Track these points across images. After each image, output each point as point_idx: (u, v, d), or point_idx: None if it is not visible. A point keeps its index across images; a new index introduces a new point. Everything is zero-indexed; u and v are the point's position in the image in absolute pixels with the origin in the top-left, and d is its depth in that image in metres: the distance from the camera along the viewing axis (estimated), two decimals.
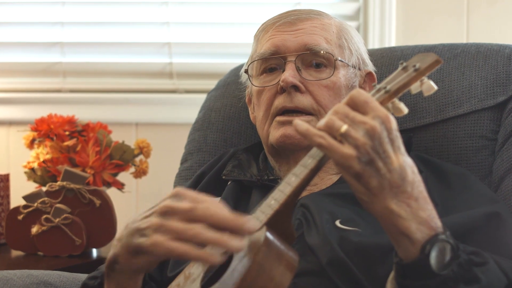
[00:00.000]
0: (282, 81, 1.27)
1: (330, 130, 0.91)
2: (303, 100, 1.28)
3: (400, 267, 0.96)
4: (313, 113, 1.28)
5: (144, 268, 0.98)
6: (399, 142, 0.94)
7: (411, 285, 0.95)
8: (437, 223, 0.95)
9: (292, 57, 1.29)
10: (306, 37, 1.30)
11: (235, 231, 0.88)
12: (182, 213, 0.88)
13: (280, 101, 1.29)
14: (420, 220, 0.93)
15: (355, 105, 0.93)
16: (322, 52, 1.29)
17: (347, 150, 0.90)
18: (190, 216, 0.88)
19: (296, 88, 1.28)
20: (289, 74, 1.27)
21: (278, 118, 1.29)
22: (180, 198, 0.91)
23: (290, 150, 1.29)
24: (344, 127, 0.90)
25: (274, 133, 1.29)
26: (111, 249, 1.01)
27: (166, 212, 0.89)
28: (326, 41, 1.31)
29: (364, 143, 0.90)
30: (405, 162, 0.93)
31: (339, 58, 1.31)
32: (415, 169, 0.95)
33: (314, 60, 1.30)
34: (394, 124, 0.93)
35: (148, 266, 0.97)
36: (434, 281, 0.93)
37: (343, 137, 0.90)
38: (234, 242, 0.86)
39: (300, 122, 0.93)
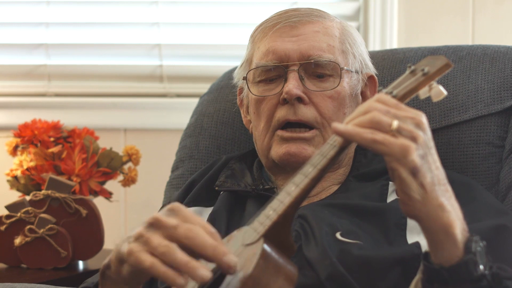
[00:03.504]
0: (286, 93, 1.26)
1: (378, 125, 0.90)
2: (306, 113, 1.26)
3: (434, 272, 0.94)
4: (316, 127, 1.27)
5: (132, 280, 0.96)
6: None
7: None
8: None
9: (295, 66, 1.28)
10: (309, 45, 1.28)
11: (211, 260, 0.86)
12: (166, 228, 0.88)
13: (283, 114, 1.27)
14: (461, 220, 0.94)
15: (388, 106, 0.93)
16: (326, 62, 1.28)
17: (406, 141, 0.89)
18: (171, 234, 0.88)
19: (299, 99, 1.27)
20: (293, 86, 1.25)
21: (281, 133, 1.28)
22: (173, 213, 0.91)
23: (292, 167, 1.27)
24: (395, 122, 0.89)
25: (277, 149, 1.28)
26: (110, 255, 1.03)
27: (153, 224, 0.90)
28: (329, 48, 1.29)
29: (419, 135, 0.90)
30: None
31: (345, 67, 1.29)
32: None
33: (318, 69, 1.28)
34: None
35: (134, 280, 0.95)
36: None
37: (397, 131, 0.90)
38: (200, 272, 0.84)
39: (338, 124, 0.92)
